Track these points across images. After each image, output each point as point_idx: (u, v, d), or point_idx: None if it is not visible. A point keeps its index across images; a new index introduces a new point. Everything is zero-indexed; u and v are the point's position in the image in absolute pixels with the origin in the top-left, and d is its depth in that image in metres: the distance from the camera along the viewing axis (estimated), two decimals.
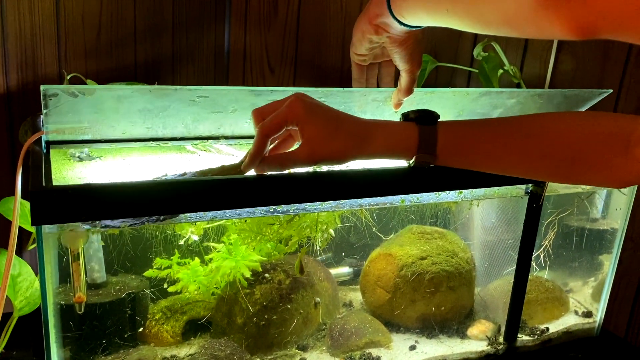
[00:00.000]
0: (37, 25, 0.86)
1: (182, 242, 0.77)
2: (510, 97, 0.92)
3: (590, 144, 0.65)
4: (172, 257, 0.78)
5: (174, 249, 0.78)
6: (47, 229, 0.57)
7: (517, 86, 1.15)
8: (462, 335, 0.93)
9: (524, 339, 0.95)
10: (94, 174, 0.69)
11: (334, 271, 0.96)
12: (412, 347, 0.88)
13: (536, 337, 0.96)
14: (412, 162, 0.66)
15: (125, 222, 0.59)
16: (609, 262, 1.02)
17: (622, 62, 1.11)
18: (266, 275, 0.83)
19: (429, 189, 0.73)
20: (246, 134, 0.81)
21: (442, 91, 0.87)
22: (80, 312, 0.64)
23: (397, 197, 0.73)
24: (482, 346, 0.91)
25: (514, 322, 0.91)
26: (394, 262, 0.92)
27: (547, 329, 0.97)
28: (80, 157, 0.74)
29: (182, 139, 0.78)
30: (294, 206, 0.68)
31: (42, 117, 0.67)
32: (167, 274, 0.78)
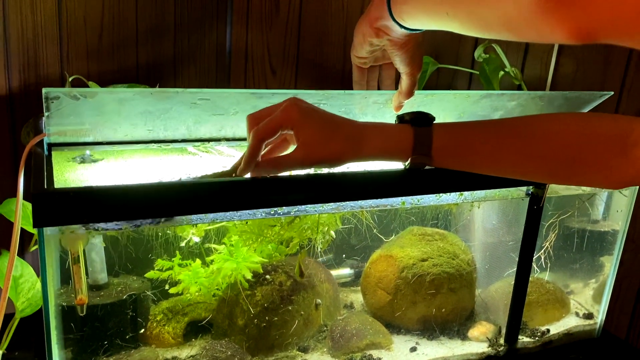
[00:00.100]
0: (39, 26, 0.87)
1: (183, 243, 0.77)
2: (510, 99, 0.92)
3: (587, 144, 0.65)
4: (173, 259, 0.78)
5: (175, 251, 0.78)
6: (48, 231, 0.58)
7: (518, 88, 1.15)
8: (462, 336, 0.93)
9: (524, 340, 0.95)
10: (95, 176, 0.70)
11: (335, 273, 0.96)
12: (413, 349, 0.88)
13: (537, 338, 0.96)
14: (407, 163, 0.66)
15: (119, 224, 0.59)
16: (610, 264, 1.02)
17: (623, 64, 1.11)
18: (267, 276, 0.83)
19: (429, 191, 0.73)
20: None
21: (442, 94, 0.87)
22: (82, 315, 0.64)
23: (397, 199, 0.73)
24: (482, 348, 0.91)
25: (515, 323, 0.91)
26: (395, 263, 0.92)
27: (548, 331, 0.97)
28: (81, 159, 0.74)
29: (183, 141, 0.78)
30: (295, 208, 0.68)
31: (44, 118, 0.67)
32: (168, 275, 0.78)
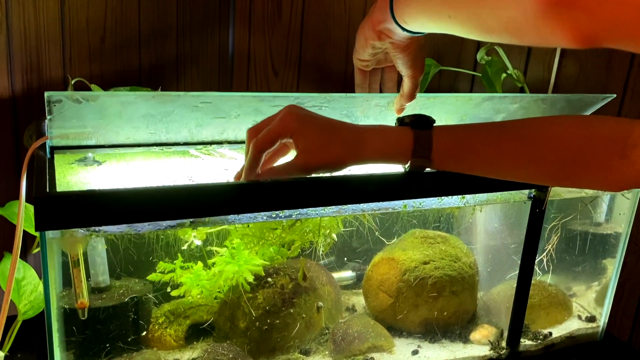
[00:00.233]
0: (42, 29, 0.87)
1: (185, 246, 0.77)
2: (513, 102, 0.91)
3: (587, 147, 0.64)
4: (175, 261, 0.78)
5: (177, 253, 0.78)
6: (50, 234, 0.58)
7: (520, 90, 1.15)
8: (464, 339, 0.92)
9: (526, 343, 0.94)
10: (97, 179, 0.70)
11: (336, 275, 0.96)
12: (415, 352, 0.88)
13: (539, 341, 0.95)
14: (407, 166, 0.66)
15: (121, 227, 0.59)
16: (613, 267, 1.02)
17: (626, 66, 1.10)
18: (269, 279, 0.83)
19: (431, 194, 0.73)
20: None
21: (444, 96, 0.87)
22: (83, 318, 0.64)
23: (399, 202, 0.73)
24: (484, 351, 0.91)
25: (517, 326, 0.91)
26: (397, 266, 0.92)
27: (550, 334, 0.97)
28: (84, 162, 0.74)
29: (185, 144, 0.79)
30: (297, 211, 0.68)
31: (46, 121, 0.67)
32: (170, 278, 0.78)
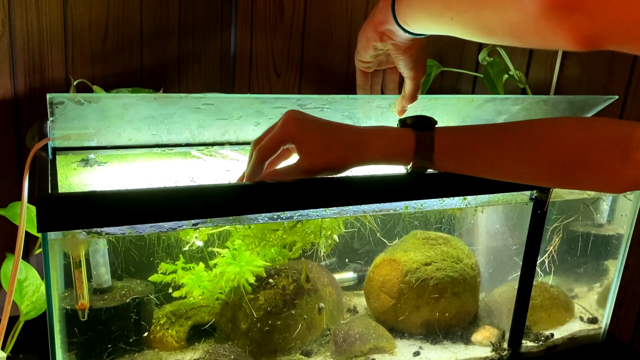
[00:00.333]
0: (45, 30, 0.87)
1: (186, 247, 0.77)
2: (515, 103, 0.91)
3: (589, 148, 0.65)
4: (176, 262, 0.78)
5: (179, 254, 0.78)
6: (52, 235, 0.58)
7: (522, 91, 1.15)
8: (466, 341, 0.92)
9: (528, 345, 0.94)
10: (99, 180, 0.70)
11: (338, 276, 0.96)
12: (416, 353, 0.88)
13: (541, 343, 0.95)
14: (409, 167, 0.66)
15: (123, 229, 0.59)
16: (615, 268, 1.02)
17: (629, 68, 1.10)
18: (270, 280, 0.84)
19: (432, 195, 0.73)
20: (251, 140, 0.81)
21: (446, 98, 0.87)
22: (84, 319, 0.64)
23: (401, 203, 0.73)
24: (486, 352, 0.91)
25: (519, 328, 0.91)
26: (398, 267, 0.92)
27: (552, 335, 0.97)
28: (85, 163, 0.74)
29: (187, 145, 0.79)
30: (298, 212, 0.69)
31: (48, 123, 0.67)
32: (171, 278, 0.79)
